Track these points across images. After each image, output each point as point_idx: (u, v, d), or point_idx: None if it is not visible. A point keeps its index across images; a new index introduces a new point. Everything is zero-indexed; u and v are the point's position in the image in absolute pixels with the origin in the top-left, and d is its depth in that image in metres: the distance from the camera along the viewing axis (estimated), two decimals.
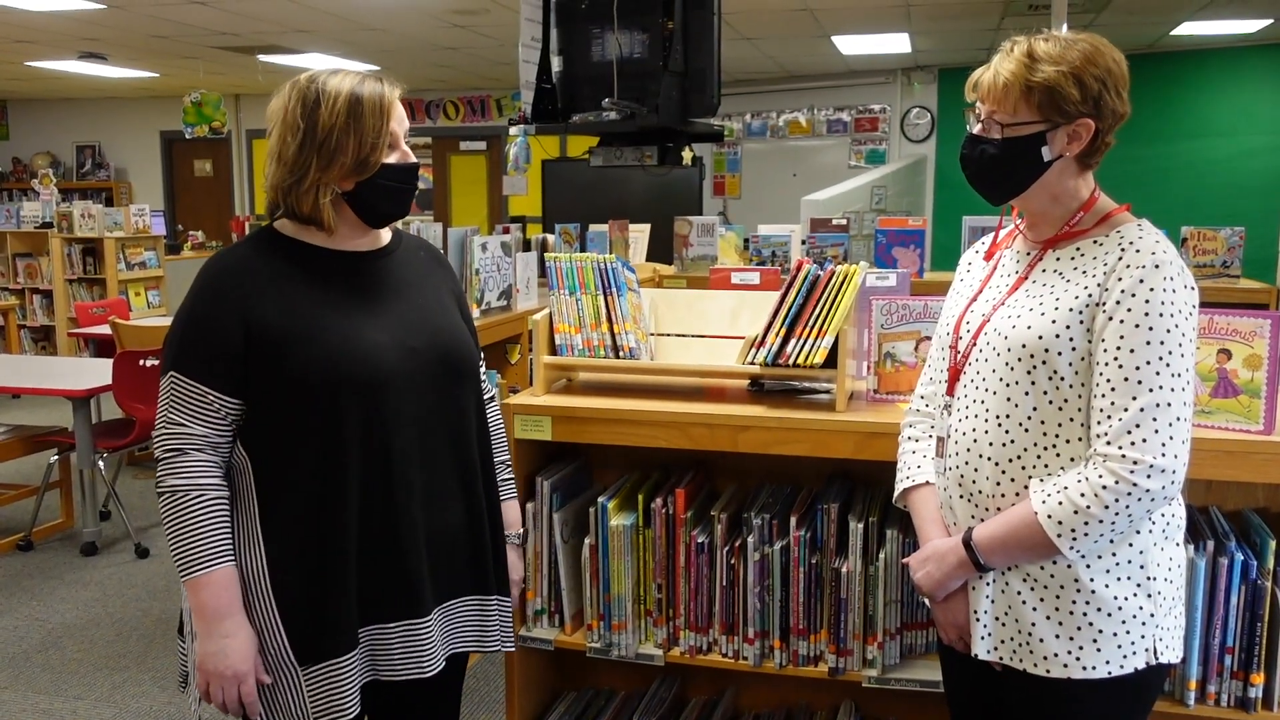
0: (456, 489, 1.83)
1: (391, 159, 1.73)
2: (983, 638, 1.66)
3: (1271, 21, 7.74)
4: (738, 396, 2.31)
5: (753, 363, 2.18)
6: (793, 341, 2.14)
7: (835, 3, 6.94)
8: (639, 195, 8.59)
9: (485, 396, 1.96)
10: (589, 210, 7.32)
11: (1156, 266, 1.53)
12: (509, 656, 2.35)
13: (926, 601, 1.82)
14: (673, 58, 5.07)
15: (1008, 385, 1.61)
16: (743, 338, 2.26)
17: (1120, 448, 1.50)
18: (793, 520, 2.16)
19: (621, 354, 2.30)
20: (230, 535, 1.69)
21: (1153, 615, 1.58)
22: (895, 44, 8.61)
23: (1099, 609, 1.57)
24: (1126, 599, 1.57)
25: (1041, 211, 1.67)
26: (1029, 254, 1.70)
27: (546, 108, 5.49)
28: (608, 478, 2.46)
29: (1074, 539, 1.53)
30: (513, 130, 5.55)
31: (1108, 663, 1.57)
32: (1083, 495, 1.51)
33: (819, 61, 9.70)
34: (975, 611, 1.67)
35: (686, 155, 5.67)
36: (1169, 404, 1.50)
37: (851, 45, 8.68)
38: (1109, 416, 1.52)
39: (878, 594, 2.13)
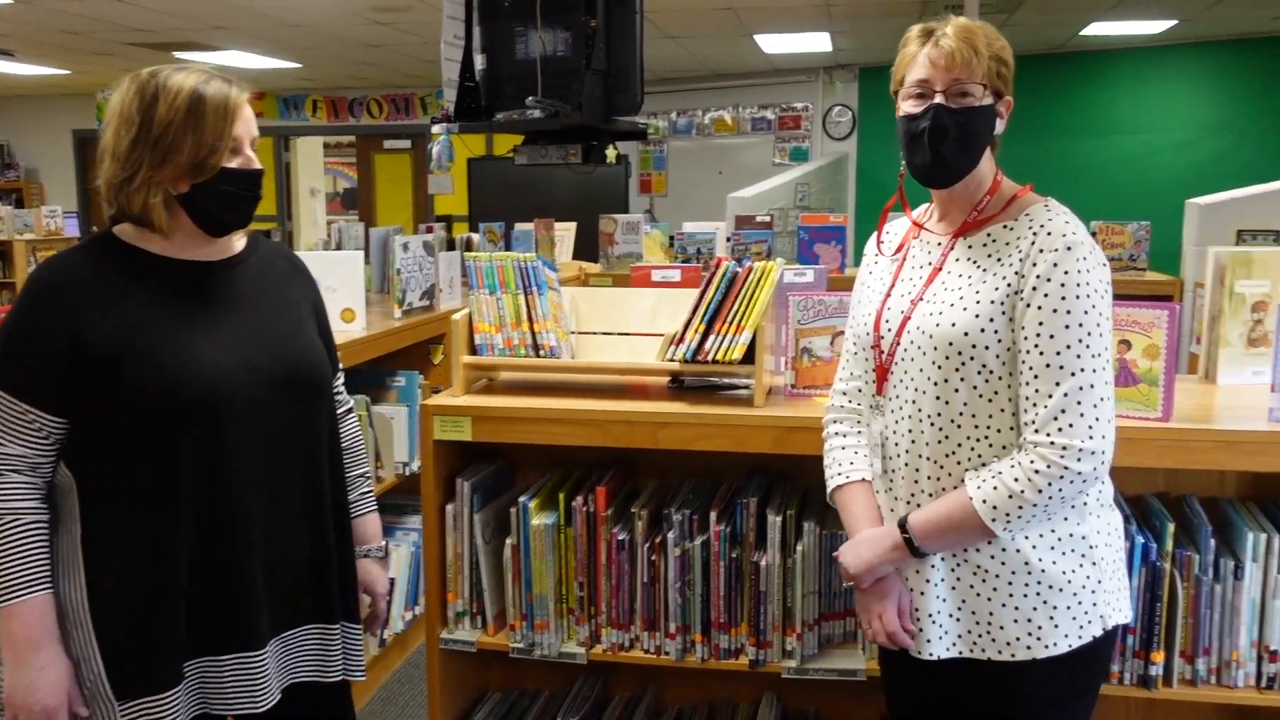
0: (301, 514, 1.76)
1: (233, 164, 1.66)
2: (940, 638, 1.67)
3: (1176, 23, 8.00)
4: (659, 393, 2.33)
5: (672, 359, 2.20)
6: (711, 338, 2.16)
7: (757, 1, 7.00)
8: (566, 193, 8.58)
9: (341, 409, 1.91)
10: (516, 209, 7.29)
11: (1069, 248, 1.55)
12: (430, 659, 2.33)
13: (851, 587, 1.81)
14: (596, 56, 5.07)
15: (937, 384, 1.62)
16: (663, 335, 2.28)
17: (1049, 435, 1.53)
18: (713, 515, 2.18)
19: (542, 353, 2.30)
20: (48, 562, 1.60)
21: (1100, 583, 1.63)
22: (816, 43, 8.71)
23: (1050, 586, 1.60)
24: (1074, 572, 1.61)
25: (962, 194, 1.68)
26: (939, 244, 1.71)
27: (470, 106, 5.45)
28: (529, 477, 2.46)
29: (1008, 520, 1.56)
30: (435, 129, 5.50)
31: (1066, 636, 1.61)
32: (1016, 480, 1.54)
33: (743, 60, 9.78)
34: (930, 615, 1.67)
35: (611, 153, 5.67)
36: (1092, 385, 1.53)
37: (774, 44, 8.77)
38: (1035, 404, 1.55)
39: (796, 586, 2.16)
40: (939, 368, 1.62)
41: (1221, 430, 1.95)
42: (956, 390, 1.61)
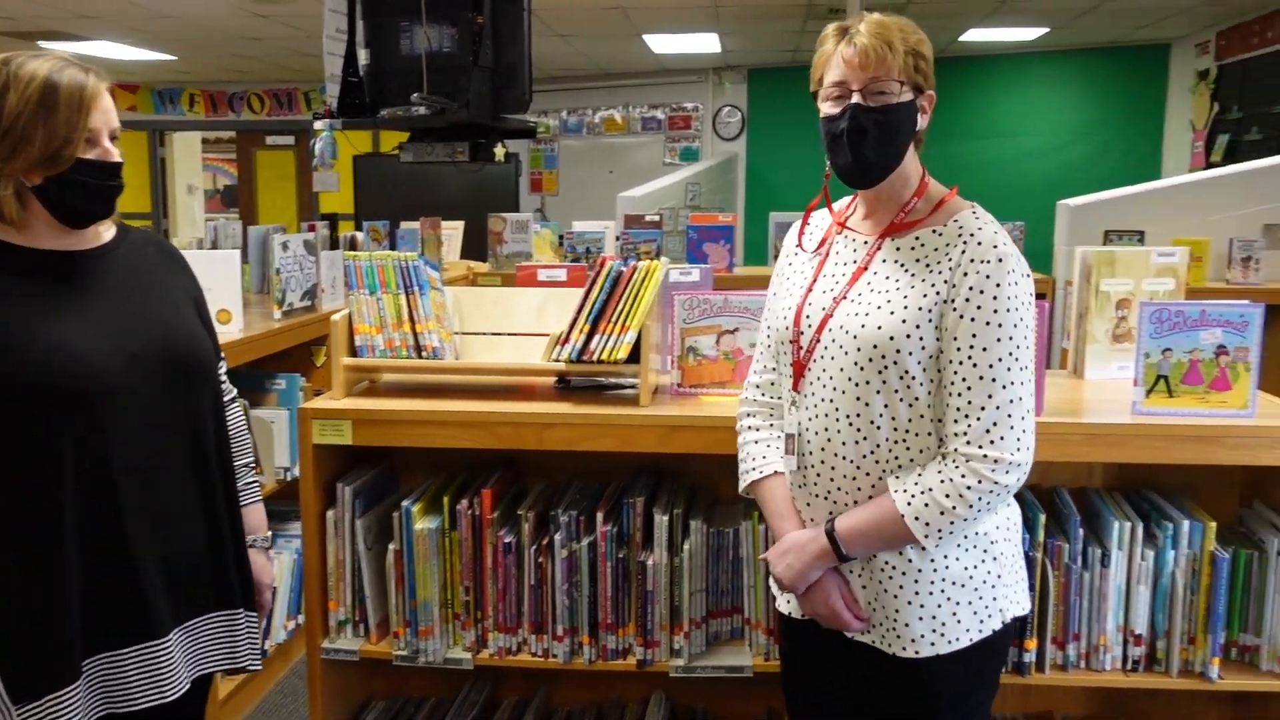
0: (195, 501, 1.73)
1: (90, 155, 1.60)
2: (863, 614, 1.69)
3: (1048, 30, 8.31)
4: (545, 394, 2.31)
5: (557, 360, 2.18)
6: (596, 338, 2.15)
7: (646, 1, 7.02)
8: (455, 191, 8.47)
9: (225, 398, 1.87)
10: (404, 207, 7.17)
11: (1000, 260, 1.56)
12: (312, 669, 2.27)
13: (779, 595, 1.83)
14: (483, 53, 5.01)
15: (857, 384, 1.61)
16: (549, 335, 2.25)
17: (981, 447, 1.54)
18: (600, 516, 2.17)
19: (425, 354, 2.25)
20: None
21: (1000, 577, 1.65)
22: (705, 44, 8.79)
23: (953, 582, 1.62)
24: (975, 568, 1.63)
25: (889, 193, 1.67)
26: (865, 243, 1.69)
27: (353, 102, 5.34)
28: (413, 480, 2.41)
29: (939, 535, 1.58)
30: (318, 125, 5.36)
31: (968, 631, 1.63)
32: (948, 496, 1.55)
33: (632, 59, 9.80)
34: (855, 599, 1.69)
35: (499, 151, 5.61)
36: (1020, 398, 1.56)
37: (663, 44, 8.81)
38: (966, 416, 1.55)
39: (683, 585, 2.16)
40: (860, 368, 1.60)
41: (1089, 423, 2.02)
42: (877, 392, 1.60)
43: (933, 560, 1.62)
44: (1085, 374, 2.39)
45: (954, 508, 1.55)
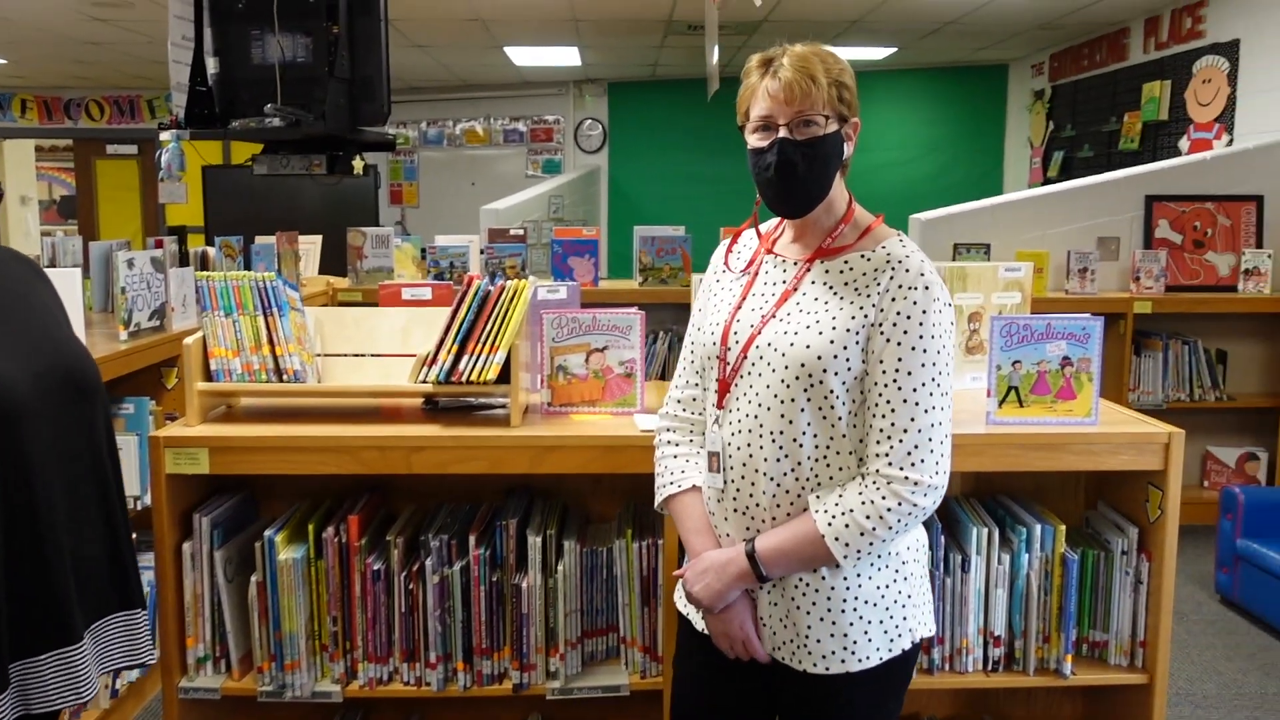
0: (96, 508, 1.75)
1: None
2: (768, 639, 1.70)
3: (896, 50, 8.63)
4: (412, 416, 2.26)
5: (425, 381, 2.14)
6: (465, 358, 2.12)
7: (505, 14, 6.99)
8: (312, 205, 8.23)
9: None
10: (257, 220, 6.92)
11: (927, 288, 1.60)
12: (168, 711, 2.16)
13: (690, 613, 1.80)
14: (339, 63, 4.90)
15: (783, 402, 1.62)
16: (415, 355, 2.21)
17: (902, 469, 1.57)
18: (472, 539, 2.14)
19: (285, 377, 2.18)
20: None
21: (910, 597, 1.69)
22: (566, 57, 8.80)
23: (865, 601, 1.64)
24: (886, 587, 1.66)
25: (815, 220, 1.70)
26: (794, 264, 1.71)
27: (202, 112, 5.14)
28: (276, 508, 2.33)
29: (858, 555, 1.60)
30: (164, 135, 5.14)
31: (877, 649, 1.65)
32: (868, 518, 1.57)
33: (493, 72, 9.74)
34: (762, 618, 1.69)
35: (358, 164, 5.49)
36: (940, 423, 1.60)
37: (524, 57, 8.78)
38: (889, 437, 1.58)
39: (558, 606, 2.14)
40: (786, 386, 1.62)
41: None
42: (801, 410, 1.62)
43: (845, 579, 1.64)
44: None
45: (874, 529, 1.58)
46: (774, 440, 1.64)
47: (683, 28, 7.24)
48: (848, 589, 1.64)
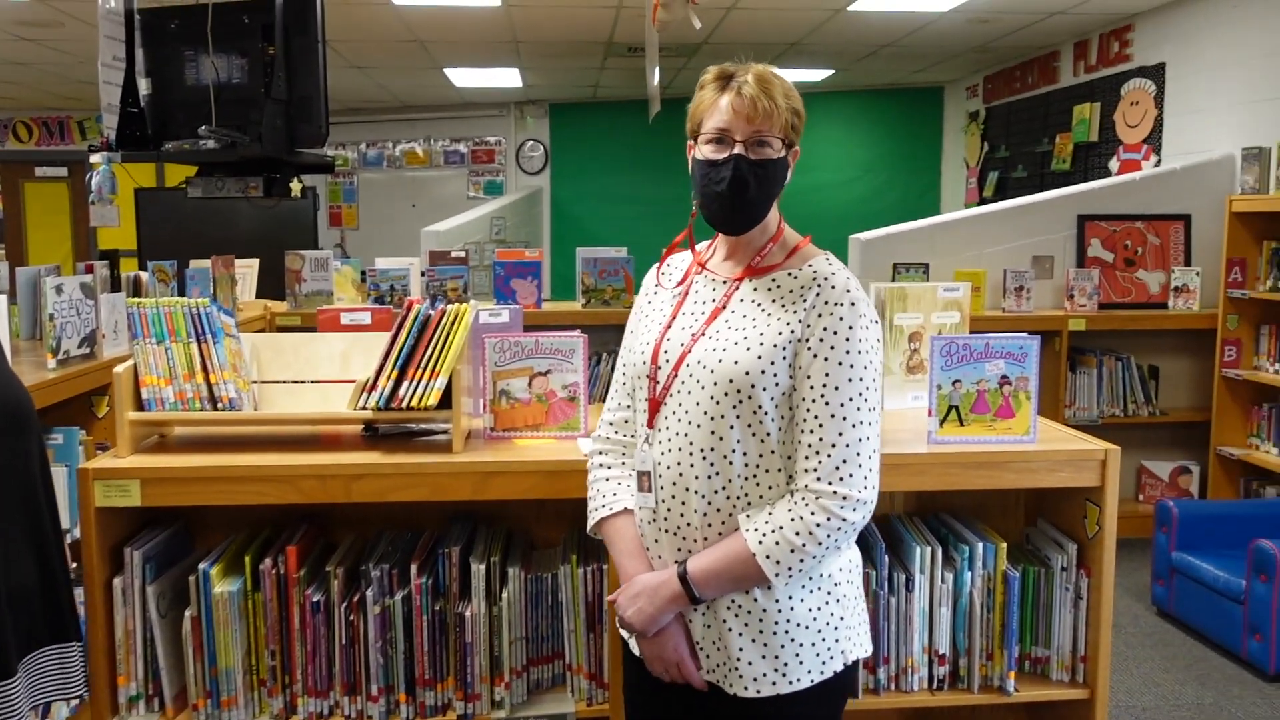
0: (26, 541, 1.72)
1: None
2: (703, 664, 1.68)
3: (834, 72, 8.75)
4: (352, 443, 2.22)
5: (364, 408, 2.10)
6: (405, 384, 2.08)
7: (444, 35, 6.97)
8: (249, 228, 8.08)
9: None
10: (193, 244, 6.77)
11: (853, 304, 1.62)
12: None
13: (629, 638, 1.79)
14: (276, 85, 4.85)
15: (713, 419, 1.62)
16: (355, 381, 2.17)
17: (831, 484, 1.58)
18: (413, 568, 2.10)
19: (220, 406, 2.13)
20: None
21: (843, 619, 1.68)
22: (507, 78, 8.79)
23: (797, 624, 1.64)
24: (819, 609, 1.65)
25: (749, 239, 1.72)
26: (724, 283, 1.73)
27: (134, 133, 5.06)
28: (212, 540, 2.27)
29: (789, 573, 1.59)
30: (95, 158, 5.03)
31: (810, 672, 1.65)
32: (798, 534, 1.57)
33: (433, 93, 9.70)
34: (698, 643, 1.68)
35: (295, 186, 5.43)
36: (868, 438, 1.61)
37: (464, 78, 8.76)
38: (818, 453, 1.59)
39: (503, 634, 2.11)
40: (716, 403, 1.62)
41: (888, 454, 2.09)
42: (731, 427, 1.62)
43: (777, 601, 1.64)
44: (884, 405, 2.49)
45: (804, 545, 1.58)
46: (704, 458, 1.64)
47: (623, 49, 7.28)
48: (779, 611, 1.64)
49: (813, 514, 1.58)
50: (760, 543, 1.59)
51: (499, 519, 2.33)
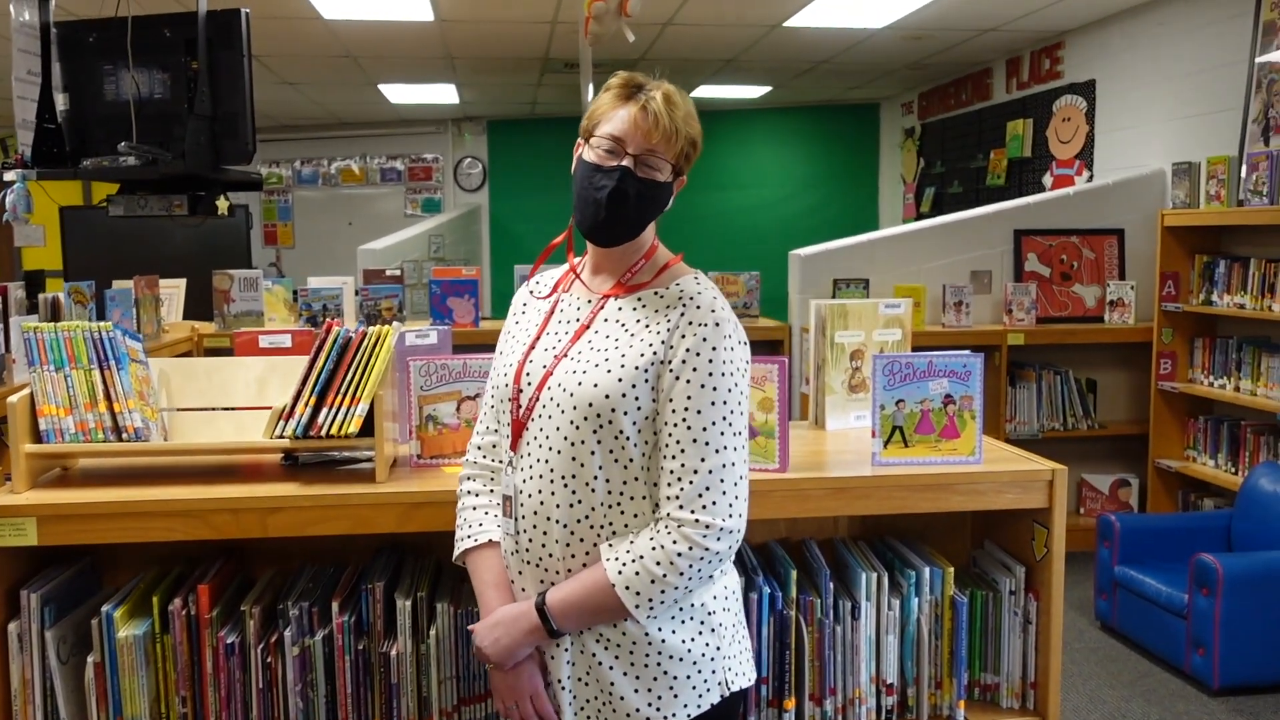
0: None
1: None
2: (569, 704, 1.62)
3: (770, 89, 8.76)
4: (272, 473, 2.10)
5: (281, 436, 1.98)
6: (324, 411, 1.97)
7: (377, 50, 6.84)
8: (181, 247, 7.89)
9: None
10: (122, 264, 6.57)
11: (717, 325, 1.56)
12: None
13: (489, 670, 1.73)
14: (200, 100, 4.68)
15: (573, 444, 1.57)
16: (271, 408, 2.05)
17: (693, 511, 1.52)
18: (335, 606, 1.98)
19: (125, 435, 2.00)
20: None
21: (719, 649, 1.62)
22: (443, 94, 8.68)
23: (670, 656, 1.58)
24: (693, 640, 1.60)
25: (620, 254, 1.67)
26: (589, 301, 1.67)
27: (51, 150, 4.86)
28: (122, 578, 2.13)
29: (651, 606, 1.54)
30: (9, 175, 4.83)
31: (685, 706, 1.59)
32: (658, 564, 1.52)
33: (368, 109, 9.55)
34: (560, 680, 1.62)
35: (222, 204, 5.26)
36: (734, 464, 1.55)
37: (400, 94, 8.63)
38: (679, 479, 1.53)
39: (431, 673, 2.00)
40: (576, 428, 1.57)
41: (832, 477, 2.04)
42: (592, 453, 1.57)
43: (648, 634, 1.58)
44: (826, 425, 2.43)
45: (664, 575, 1.52)
46: (565, 484, 1.58)
47: (559, 65, 7.20)
48: (649, 643, 1.58)
49: (675, 543, 1.52)
50: (620, 572, 1.53)
51: (428, 550, 2.22)
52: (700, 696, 1.61)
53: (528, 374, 1.65)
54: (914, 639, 2.08)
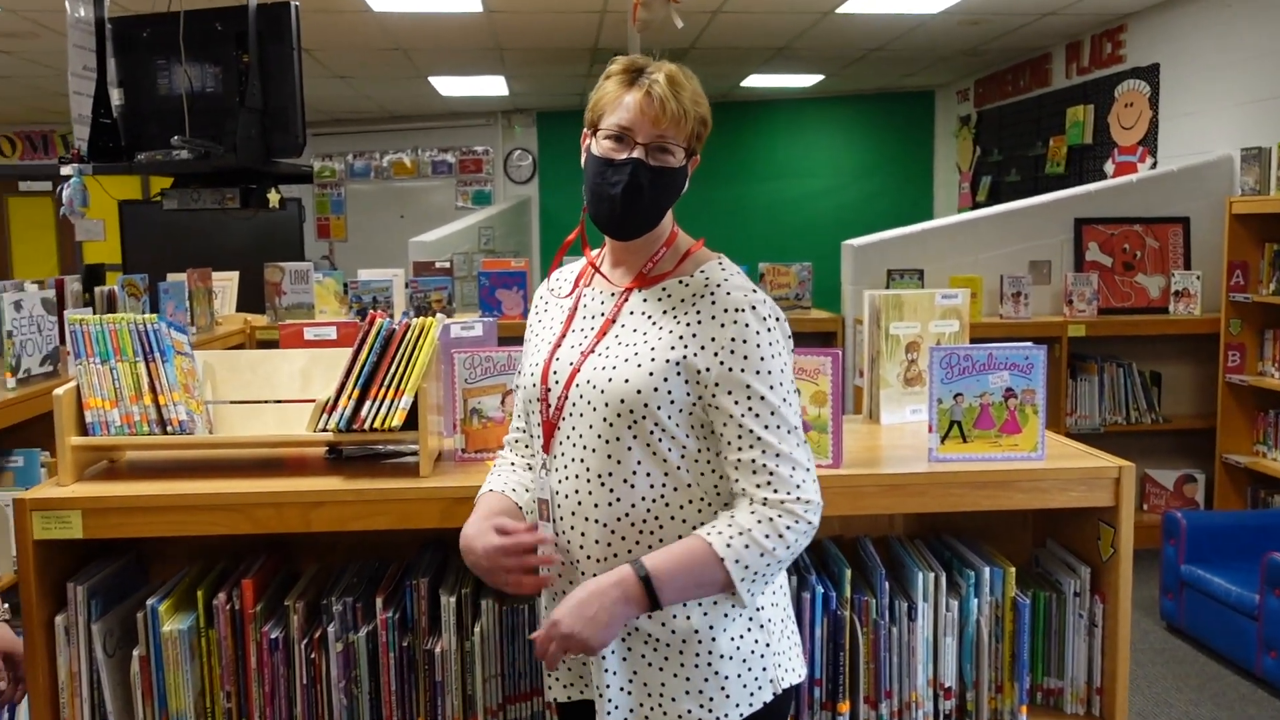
0: None
1: None
2: (610, 713, 1.57)
3: (823, 77, 8.63)
4: (315, 466, 2.08)
5: (325, 430, 1.96)
6: (368, 404, 1.94)
7: (426, 43, 6.84)
8: (235, 240, 7.96)
9: None
10: (178, 257, 6.65)
11: (754, 308, 1.52)
12: None
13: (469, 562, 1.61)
14: (251, 94, 4.71)
15: (608, 442, 1.52)
16: (315, 401, 2.03)
17: (790, 492, 1.49)
18: (379, 601, 1.95)
19: (170, 428, 1.99)
20: None
21: (769, 646, 1.58)
22: (493, 87, 8.67)
23: (720, 655, 1.55)
24: (742, 637, 1.56)
25: (640, 245, 1.61)
26: (613, 294, 1.63)
27: (106, 145, 4.91)
28: (168, 571, 2.13)
29: (754, 580, 1.50)
30: (66, 170, 4.89)
31: (737, 705, 1.56)
32: (768, 537, 1.48)
33: (419, 102, 9.57)
34: (601, 691, 1.57)
35: (274, 197, 5.29)
36: (803, 440, 1.54)
37: (450, 87, 8.63)
38: (764, 467, 1.50)
39: (476, 671, 1.97)
40: (610, 425, 1.52)
41: (888, 474, 1.97)
42: (629, 449, 1.52)
43: (697, 631, 1.54)
44: (881, 419, 2.36)
45: (774, 549, 1.48)
46: (603, 484, 1.54)
47: (608, 55, 7.14)
48: (699, 642, 1.54)
49: (780, 517, 1.49)
50: (729, 545, 1.48)
51: None
52: (752, 695, 1.57)
53: (555, 373, 1.61)
54: (973, 641, 2.01)
